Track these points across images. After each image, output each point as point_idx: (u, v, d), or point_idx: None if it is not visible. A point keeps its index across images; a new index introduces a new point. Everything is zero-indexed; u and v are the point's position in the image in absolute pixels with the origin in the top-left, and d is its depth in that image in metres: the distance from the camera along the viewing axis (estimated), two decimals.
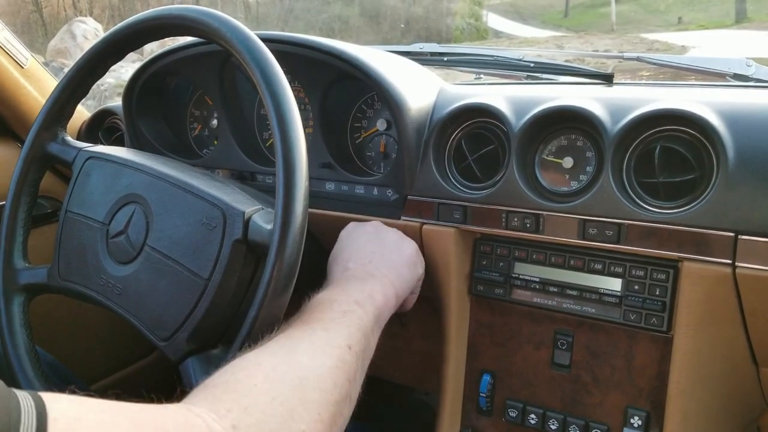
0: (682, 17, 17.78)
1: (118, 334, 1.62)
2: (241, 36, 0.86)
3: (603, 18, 19.97)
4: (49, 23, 15.22)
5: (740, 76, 1.21)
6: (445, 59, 1.34)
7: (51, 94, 1.05)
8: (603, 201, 0.94)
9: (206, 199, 0.91)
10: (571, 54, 1.42)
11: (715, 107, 0.90)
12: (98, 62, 1.03)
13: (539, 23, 20.54)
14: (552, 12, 22.11)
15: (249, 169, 1.27)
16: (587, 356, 1.03)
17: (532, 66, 1.29)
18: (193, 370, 0.89)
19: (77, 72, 1.04)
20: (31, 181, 1.07)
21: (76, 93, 1.06)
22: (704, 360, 0.94)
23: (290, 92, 0.83)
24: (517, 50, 1.33)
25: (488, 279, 1.08)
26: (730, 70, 1.22)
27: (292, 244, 0.79)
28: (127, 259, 0.96)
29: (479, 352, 1.12)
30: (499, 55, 1.32)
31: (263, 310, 0.78)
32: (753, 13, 15.85)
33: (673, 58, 1.25)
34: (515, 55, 1.32)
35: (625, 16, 19.32)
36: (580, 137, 0.99)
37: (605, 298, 0.99)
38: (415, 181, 1.09)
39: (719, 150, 0.87)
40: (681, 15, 18.09)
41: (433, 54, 1.36)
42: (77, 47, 10.56)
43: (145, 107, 1.35)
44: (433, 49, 1.36)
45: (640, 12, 19.42)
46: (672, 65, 1.24)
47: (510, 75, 1.38)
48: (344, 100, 1.20)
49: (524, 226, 1.01)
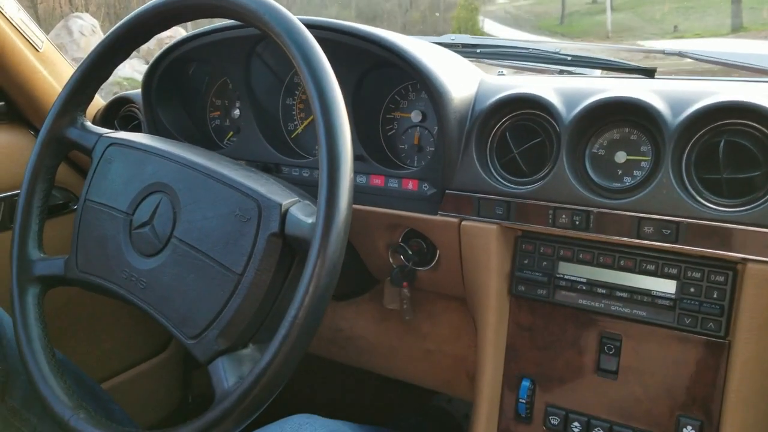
0: (678, 26, 17.81)
1: (128, 331, 1.56)
2: (282, 19, 0.82)
3: (598, 26, 20.00)
4: (44, 19, 15.10)
5: None
6: (478, 51, 1.29)
7: (72, 76, 0.99)
8: (661, 198, 0.89)
9: (239, 189, 0.86)
10: (606, 48, 1.37)
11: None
12: (124, 43, 0.98)
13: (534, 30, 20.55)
14: (548, 19, 22.13)
15: (274, 160, 1.22)
16: (636, 362, 0.98)
17: (569, 59, 1.24)
18: (224, 371, 0.84)
19: (102, 52, 0.99)
20: (47, 167, 1.02)
21: (99, 75, 1.02)
22: (766, 368, 0.89)
23: (334, 79, 0.78)
24: (552, 43, 1.28)
25: (530, 279, 1.02)
26: None
27: (336, 239, 0.74)
28: (152, 251, 0.90)
29: (518, 355, 1.06)
30: (534, 48, 1.27)
31: (303, 310, 0.73)
32: (749, 22, 15.89)
33: (716, 54, 1.20)
34: (551, 48, 1.27)
35: (621, 24, 19.35)
36: (634, 131, 0.94)
37: (658, 300, 0.94)
38: (456, 175, 1.03)
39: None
40: (677, 23, 18.12)
41: (465, 45, 1.31)
42: (74, 43, 10.46)
43: (165, 95, 1.30)
44: (465, 41, 1.31)
45: (635, 20, 19.45)
46: (715, 61, 1.19)
47: (539, 69, 1.33)
48: (377, 89, 1.15)
49: (573, 224, 0.96)
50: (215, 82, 1.35)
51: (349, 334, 1.36)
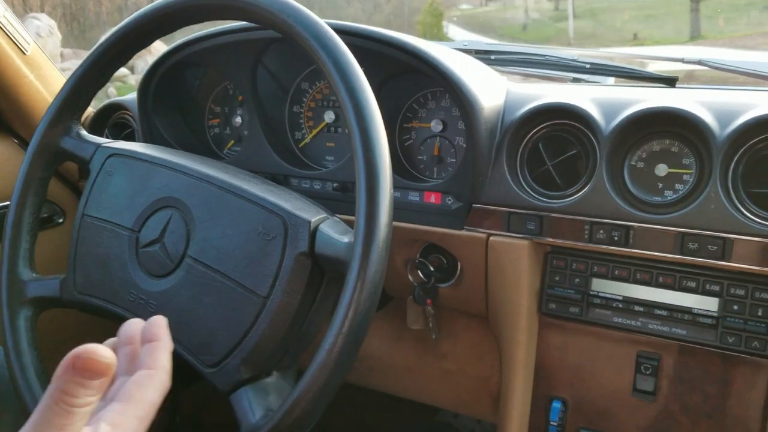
0: (638, 33, 18.17)
1: None
2: (309, 23, 0.76)
3: (561, 33, 20.30)
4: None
5: None
6: (492, 57, 1.24)
7: (68, 80, 0.92)
8: (708, 213, 0.85)
9: (262, 205, 0.79)
10: (621, 55, 1.34)
11: None
12: (127, 45, 0.91)
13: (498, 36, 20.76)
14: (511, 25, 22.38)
15: (282, 171, 1.15)
16: (675, 382, 0.94)
17: (587, 67, 1.20)
18: (249, 402, 0.77)
19: (101, 55, 0.91)
20: (39, 180, 0.94)
21: (97, 80, 0.94)
22: None
23: (369, 88, 0.73)
24: (567, 50, 1.25)
25: (562, 296, 0.98)
26: None
27: (377, 260, 0.68)
28: (163, 272, 0.83)
29: (548, 376, 1.02)
30: (551, 55, 1.23)
31: (342, 337, 0.67)
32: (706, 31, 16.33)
33: (737, 63, 1.18)
34: (568, 55, 1.23)
35: (583, 31, 19.67)
36: (675, 142, 0.91)
37: (700, 319, 0.90)
38: (484, 188, 0.98)
39: None
40: (636, 31, 18.48)
41: (478, 52, 1.26)
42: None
43: (163, 101, 1.22)
44: (479, 47, 1.26)
45: (597, 27, 19.78)
46: (738, 70, 1.17)
47: (552, 76, 1.29)
48: (395, 97, 1.09)
49: (611, 239, 0.92)
50: (215, 88, 1.28)
51: (360, 354, 1.30)
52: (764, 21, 15.73)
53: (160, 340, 0.55)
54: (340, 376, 0.69)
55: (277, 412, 0.71)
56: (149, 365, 0.53)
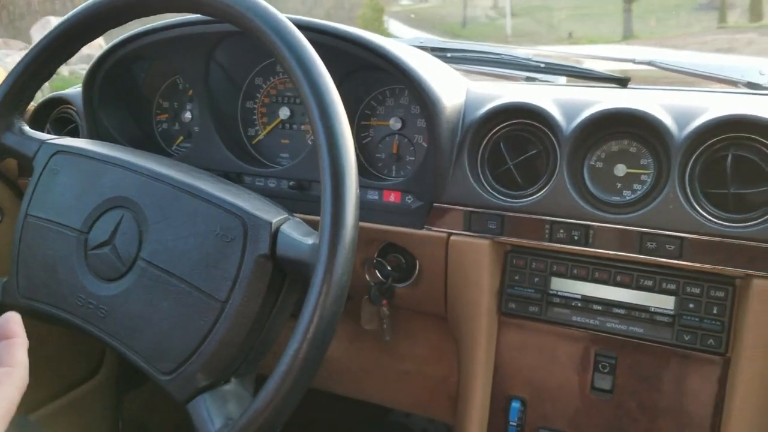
0: (573, 32, 18.57)
1: (55, 356, 1.41)
2: (270, 18, 0.74)
3: (499, 30, 20.59)
4: None
5: (753, 84, 1.18)
6: (448, 55, 1.23)
7: (9, 73, 0.88)
8: (666, 213, 0.86)
9: (219, 205, 0.77)
10: (572, 55, 1.35)
11: None
12: (73, 37, 0.87)
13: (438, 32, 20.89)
14: (451, 22, 22.55)
15: (235, 169, 1.12)
16: (632, 380, 0.95)
17: (542, 66, 1.21)
18: (208, 410, 0.74)
19: (45, 48, 0.87)
20: None
21: (40, 74, 0.90)
22: (767, 383, 0.88)
23: (333, 85, 0.71)
24: (522, 49, 1.25)
25: (522, 296, 0.98)
26: (744, 78, 1.19)
27: (344, 262, 0.66)
28: (114, 275, 0.80)
29: (507, 375, 1.02)
30: (507, 54, 1.23)
31: (307, 342, 0.65)
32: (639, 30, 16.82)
33: (687, 65, 1.21)
34: (523, 54, 1.24)
35: (520, 29, 19.98)
36: (633, 143, 0.92)
37: (657, 317, 0.91)
38: (446, 187, 0.97)
39: None
40: (572, 30, 18.89)
41: (434, 49, 1.25)
42: None
43: (109, 96, 1.16)
44: (435, 44, 1.25)
45: (534, 25, 20.12)
46: (687, 72, 1.19)
47: (506, 75, 1.29)
48: (353, 94, 1.07)
49: (571, 239, 0.92)
50: (163, 82, 1.23)
51: None
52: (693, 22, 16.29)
53: (16, 336, 0.53)
54: (306, 382, 0.67)
55: (239, 420, 0.68)
56: (7, 363, 0.51)
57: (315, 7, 19.83)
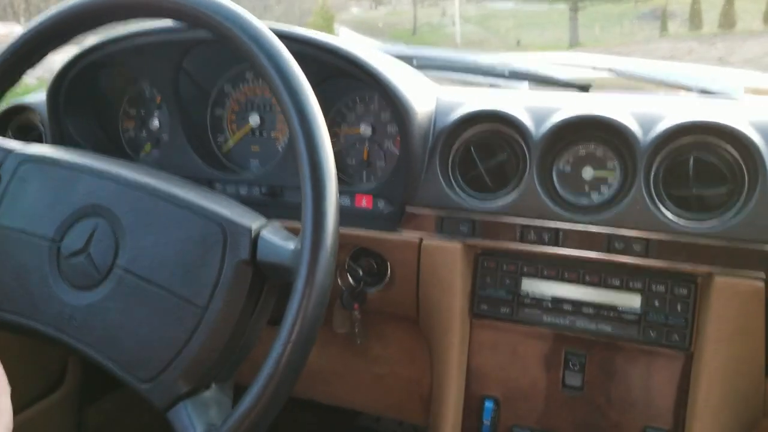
0: (521, 40, 18.93)
1: (17, 368, 1.36)
2: (247, 25, 0.74)
3: (448, 38, 20.85)
4: None
5: (706, 90, 1.23)
6: (414, 62, 1.25)
7: None
8: (634, 214, 0.90)
9: (198, 212, 0.77)
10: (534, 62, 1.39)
11: (752, 121, 0.89)
12: (40, 44, 0.85)
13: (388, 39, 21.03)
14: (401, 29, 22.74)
15: (205, 176, 1.11)
16: (601, 376, 0.98)
17: (507, 74, 1.24)
18: (189, 417, 0.74)
19: (12, 53, 0.85)
20: None
21: (6, 81, 0.87)
22: (729, 376, 0.92)
23: (311, 90, 0.72)
24: (487, 56, 1.28)
25: (493, 297, 1.00)
26: (697, 85, 1.24)
27: (325, 266, 0.67)
28: (89, 283, 0.78)
29: (480, 376, 1.04)
30: (472, 60, 1.26)
31: (290, 346, 0.66)
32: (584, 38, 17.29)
33: (645, 72, 1.25)
34: (488, 61, 1.26)
35: (469, 37, 20.28)
36: (599, 147, 0.95)
37: (624, 315, 0.95)
38: (418, 192, 0.99)
39: (758, 163, 0.85)
40: (520, 38, 19.25)
41: (399, 57, 1.27)
42: None
43: (75, 103, 1.15)
44: (401, 52, 1.27)
45: (483, 33, 20.45)
46: (646, 79, 1.24)
47: (469, 81, 1.32)
48: (325, 101, 1.08)
49: (542, 240, 0.95)
50: (129, 89, 1.21)
51: None
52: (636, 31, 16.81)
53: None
54: (290, 387, 0.67)
55: (222, 426, 0.68)
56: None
57: (265, 13, 19.72)
